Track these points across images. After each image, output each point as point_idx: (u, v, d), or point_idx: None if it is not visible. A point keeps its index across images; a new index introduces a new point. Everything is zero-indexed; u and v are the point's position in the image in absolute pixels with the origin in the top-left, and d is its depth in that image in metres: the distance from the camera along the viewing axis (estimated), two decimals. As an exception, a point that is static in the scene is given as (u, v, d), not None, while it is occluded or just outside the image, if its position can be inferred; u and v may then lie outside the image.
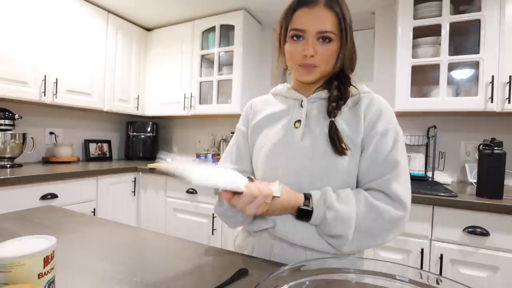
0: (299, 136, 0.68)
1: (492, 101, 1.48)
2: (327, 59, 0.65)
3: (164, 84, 2.54)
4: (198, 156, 2.20)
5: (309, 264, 0.45)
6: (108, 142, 2.64)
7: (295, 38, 0.65)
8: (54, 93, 1.89)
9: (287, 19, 0.67)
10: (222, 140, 2.49)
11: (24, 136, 1.85)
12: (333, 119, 0.65)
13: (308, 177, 0.66)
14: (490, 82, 1.48)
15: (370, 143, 0.64)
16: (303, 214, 0.62)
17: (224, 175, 0.59)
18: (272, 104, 0.79)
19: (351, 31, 0.67)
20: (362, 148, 0.65)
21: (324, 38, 0.63)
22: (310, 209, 0.61)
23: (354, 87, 0.69)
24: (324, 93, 0.70)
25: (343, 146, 0.63)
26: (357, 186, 0.68)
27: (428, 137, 1.84)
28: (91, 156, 2.45)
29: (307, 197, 0.63)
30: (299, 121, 0.70)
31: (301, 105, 0.72)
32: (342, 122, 0.66)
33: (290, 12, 0.66)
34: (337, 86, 0.69)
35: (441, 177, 1.71)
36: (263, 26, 2.49)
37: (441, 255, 1.30)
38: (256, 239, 0.72)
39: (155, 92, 2.59)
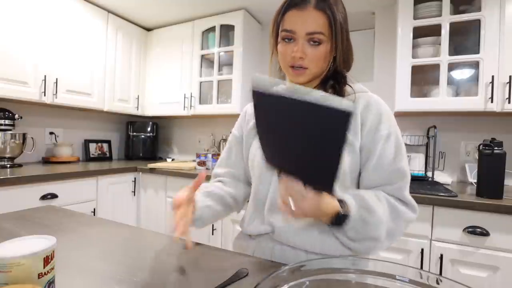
0: None
1: (492, 101, 1.48)
2: (317, 61, 0.65)
3: (164, 84, 2.54)
4: (198, 156, 2.20)
5: (309, 264, 0.45)
6: (108, 142, 2.64)
7: (286, 40, 0.66)
8: (54, 93, 1.89)
9: (278, 20, 0.67)
10: (222, 140, 2.48)
11: (24, 136, 1.85)
12: None
13: None
14: (490, 82, 1.47)
15: (375, 148, 0.63)
16: (340, 219, 0.57)
17: None
18: None
19: (346, 33, 0.66)
20: (366, 153, 0.64)
21: (314, 40, 0.63)
22: (348, 213, 0.57)
23: (350, 86, 0.69)
24: None
25: None
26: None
27: (428, 137, 1.84)
28: (91, 156, 2.45)
29: (339, 200, 0.58)
30: None
31: None
32: None
33: (281, 13, 0.66)
34: (332, 85, 0.69)
35: (441, 177, 1.71)
36: (263, 26, 2.49)
37: (441, 255, 1.30)
38: (256, 241, 0.72)
39: (155, 92, 2.59)
